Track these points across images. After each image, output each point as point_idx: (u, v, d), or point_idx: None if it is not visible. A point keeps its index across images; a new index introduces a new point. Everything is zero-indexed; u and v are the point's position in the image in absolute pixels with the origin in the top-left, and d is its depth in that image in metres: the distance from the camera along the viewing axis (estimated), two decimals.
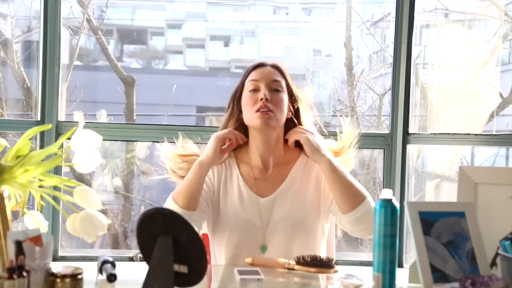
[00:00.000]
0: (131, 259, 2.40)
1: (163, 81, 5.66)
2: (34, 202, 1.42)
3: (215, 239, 1.82)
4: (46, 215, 2.30)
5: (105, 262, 1.49)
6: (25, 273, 1.13)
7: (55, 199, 1.77)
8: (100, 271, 1.49)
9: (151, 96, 4.41)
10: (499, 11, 3.42)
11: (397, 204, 1.39)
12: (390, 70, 2.55)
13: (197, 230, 1.71)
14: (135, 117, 3.74)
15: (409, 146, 2.51)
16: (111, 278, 1.43)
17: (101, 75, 4.82)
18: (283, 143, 1.84)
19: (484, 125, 3.32)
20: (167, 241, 1.24)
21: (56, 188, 1.39)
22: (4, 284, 1.11)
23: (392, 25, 2.55)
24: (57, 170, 2.27)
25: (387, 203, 1.38)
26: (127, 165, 3.81)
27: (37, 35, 2.43)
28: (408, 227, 1.99)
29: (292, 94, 1.84)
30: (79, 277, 1.26)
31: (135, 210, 3.85)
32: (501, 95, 3.47)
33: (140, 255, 1.32)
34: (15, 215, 1.41)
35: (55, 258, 2.39)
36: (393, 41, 2.52)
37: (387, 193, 1.39)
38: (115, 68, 3.76)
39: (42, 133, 2.33)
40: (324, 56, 6.03)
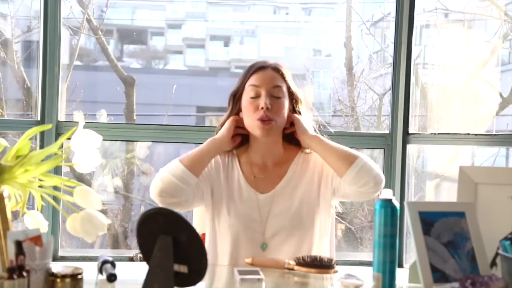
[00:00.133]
0: (131, 259, 2.40)
1: (163, 81, 5.65)
2: (34, 202, 1.42)
3: (216, 235, 1.83)
4: (46, 215, 2.30)
5: (105, 262, 1.49)
6: (25, 273, 1.13)
7: (55, 199, 1.77)
8: (100, 271, 1.49)
9: (151, 96, 4.42)
10: (499, 11, 3.42)
11: (397, 204, 1.39)
12: (390, 70, 2.55)
13: (189, 202, 1.75)
14: (135, 117, 3.74)
15: (409, 146, 2.51)
16: (111, 278, 1.43)
17: (101, 75, 4.82)
18: (282, 142, 1.86)
19: (484, 125, 3.32)
20: (167, 241, 1.24)
21: (56, 188, 1.39)
22: (4, 284, 1.11)
23: (392, 25, 2.55)
24: (57, 170, 2.27)
25: (387, 203, 1.39)
26: (127, 165, 3.81)
27: (37, 35, 2.43)
28: (408, 227, 1.99)
29: (293, 96, 1.85)
30: (79, 277, 1.26)
31: (135, 210, 3.85)
32: (501, 95, 3.47)
33: (140, 255, 1.32)
34: (15, 215, 1.41)
35: (55, 258, 2.39)
36: (393, 41, 2.52)
37: (387, 193, 1.39)
38: (115, 68, 3.76)
39: (42, 133, 2.33)
40: (324, 56, 6.03)
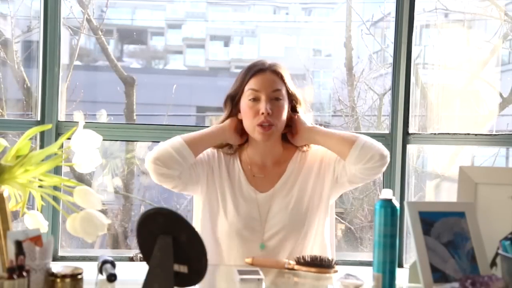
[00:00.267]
0: (131, 259, 2.39)
1: (163, 81, 5.64)
2: (34, 202, 1.42)
3: (216, 234, 1.83)
4: (46, 215, 2.30)
5: (105, 262, 1.49)
6: (25, 273, 1.13)
7: (55, 199, 1.77)
8: (100, 271, 1.49)
9: (151, 96, 4.42)
10: (499, 11, 3.42)
11: (397, 204, 1.39)
12: (390, 70, 2.55)
13: (183, 180, 1.75)
14: (135, 117, 3.74)
15: (409, 146, 2.51)
16: (111, 278, 1.43)
17: (101, 75, 4.82)
18: (281, 141, 1.87)
19: (484, 125, 3.32)
20: (167, 241, 1.24)
21: (56, 188, 1.39)
22: (4, 284, 1.11)
23: (392, 25, 2.55)
24: (57, 170, 2.27)
25: (387, 203, 1.39)
26: (127, 165, 3.81)
27: (37, 35, 2.42)
28: (408, 227, 1.99)
29: (292, 97, 1.85)
30: (79, 277, 1.26)
31: (135, 210, 3.85)
32: (501, 95, 3.48)
33: (140, 255, 1.32)
34: (15, 215, 1.41)
35: (55, 258, 2.38)
36: (393, 41, 2.51)
37: (387, 193, 1.39)
38: (115, 68, 3.76)
39: (42, 133, 2.33)
40: (324, 56, 6.03)
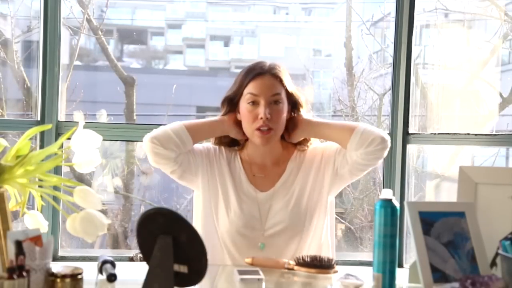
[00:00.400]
0: (131, 259, 2.39)
1: (163, 81, 5.64)
2: (34, 202, 1.42)
3: (217, 232, 1.83)
4: (46, 215, 2.30)
5: (105, 262, 1.49)
6: (25, 273, 1.13)
7: (55, 199, 1.77)
8: (100, 271, 1.49)
9: (151, 96, 4.42)
10: (499, 11, 3.42)
11: (397, 204, 1.39)
12: (390, 70, 2.55)
13: (179, 164, 1.77)
14: (135, 117, 3.74)
15: (409, 146, 2.51)
16: (111, 278, 1.43)
17: (101, 75, 4.81)
18: (280, 141, 1.87)
19: (484, 125, 3.32)
20: (167, 241, 1.24)
21: (56, 188, 1.39)
22: (4, 284, 1.11)
23: (392, 25, 2.54)
24: (57, 170, 2.27)
25: (387, 203, 1.39)
26: (127, 165, 3.81)
27: (37, 35, 2.42)
28: (408, 227, 1.99)
29: (292, 99, 1.84)
30: (79, 277, 1.26)
31: (135, 210, 3.84)
32: (501, 95, 3.47)
33: (140, 255, 1.32)
34: (15, 215, 1.41)
35: (55, 258, 2.38)
36: (393, 41, 2.51)
37: (387, 193, 1.40)
38: (115, 68, 3.76)
39: (42, 133, 2.33)
40: (324, 56, 6.02)
